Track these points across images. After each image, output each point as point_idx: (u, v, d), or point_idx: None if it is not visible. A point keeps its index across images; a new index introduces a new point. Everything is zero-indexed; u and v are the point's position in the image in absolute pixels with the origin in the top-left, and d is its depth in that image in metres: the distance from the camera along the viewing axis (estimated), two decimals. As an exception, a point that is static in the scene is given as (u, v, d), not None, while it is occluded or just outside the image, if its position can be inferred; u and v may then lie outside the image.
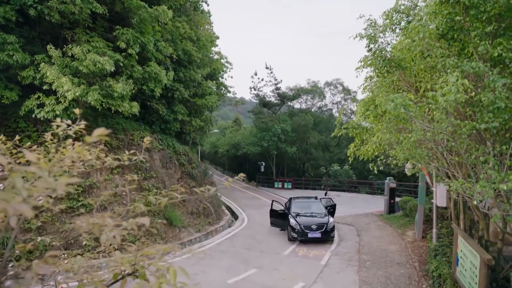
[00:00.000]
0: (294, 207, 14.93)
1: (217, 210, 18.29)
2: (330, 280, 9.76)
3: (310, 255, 11.97)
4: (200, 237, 14.21)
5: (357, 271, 10.38)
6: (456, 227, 8.20)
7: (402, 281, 9.67)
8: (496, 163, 4.48)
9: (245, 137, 38.78)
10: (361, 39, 7.71)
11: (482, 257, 6.00)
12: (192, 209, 16.07)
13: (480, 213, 7.40)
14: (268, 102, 38.31)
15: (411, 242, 13.20)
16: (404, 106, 4.73)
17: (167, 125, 16.25)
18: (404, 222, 16.00)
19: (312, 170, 42.16)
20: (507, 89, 4.51)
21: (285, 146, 35.38)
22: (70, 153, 2.23)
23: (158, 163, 14.53)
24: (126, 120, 14.08)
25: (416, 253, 11.82)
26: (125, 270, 2.25)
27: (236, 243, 13.63)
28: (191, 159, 18.19)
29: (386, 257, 11.60)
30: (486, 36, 5.18)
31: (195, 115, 19.18)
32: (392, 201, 18.92)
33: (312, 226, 13.10)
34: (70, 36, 10.75)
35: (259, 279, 9.72)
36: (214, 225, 16.33)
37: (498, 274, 6.71)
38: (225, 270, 10.27)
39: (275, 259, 11.52)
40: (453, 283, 7.62)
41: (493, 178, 4.14)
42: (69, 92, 9.69)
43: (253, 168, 40.92)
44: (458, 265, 7.55)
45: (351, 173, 33.53)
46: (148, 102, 15.03)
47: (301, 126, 36.41)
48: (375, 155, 7.55)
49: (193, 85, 17.81)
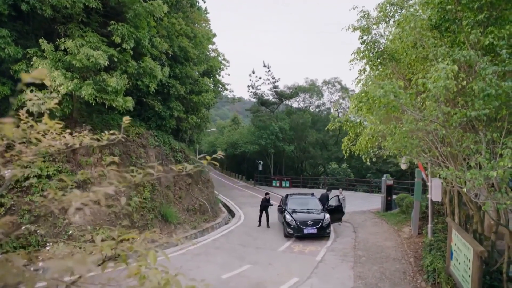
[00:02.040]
0: (291, 203, 14.89)
1: (214, 207, 18.24)
2: (324, 275, 9.71)
3: (305, 251, 11.92)
4: (195, 234, 14.15)
5: (352, 267, 10.33)
6: (451, 220, 8.16)
7: (397, 276, 9.63)
8: (488, 152, 4.44)
9: (243, 136, 38.73)
10: (354, 30, 7.65)
11: (475, 249, 5.96)
12: (188, 206, 16.02)
13: (475, 206, 7.36)
14: (266, 101, 38.27)
15: (407, 238, 13.16)
16: (393, 93, 4.67)
17: (163, 122, 16.18)
18: (401, 219, 15.96)
19: (310, 169, 42.10)
20: (497, 76, 4.47)
21: (283, 144, 35.32)
22: (41, 127, 2.18)
23: (153, 159, 14.46)
24: (122, 116, 13.98)
25: (412, 249, 11.78)
26: (106, 254, 2.21)
27: (232, 239, 13.57)
28: (188, 156, 18.13)
29: (382, 252, 11.56)
30: (478, 25, 5.13)
31: (192, 112, 19.10)
32: (389, 198, 18.87)
33: (308, 222, 13.05)
34: (64, 30, 10.68)
35: (253, 274, 9.67)
36: (210, 222, 16.28)
37: (491, 267, 6.67)
38: (219, 266, 10.22)
39: (270, 255, 11.47)
40: (447, 277, 7.58)
41: (484, 167, 4.10)
42: (62, 86, 9.62)
43: (251, 167, 40.89)
44: (452, 258, 7.51)
45: (348, 172, 33.48)
46: (144, 98, 14.97)
47: (299, 125, 36.36)
48: (369, 147, 7.49)
49: (190, 82, 17.74)
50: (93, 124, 12.56)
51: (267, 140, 33.99)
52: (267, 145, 34.32)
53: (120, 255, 2.15)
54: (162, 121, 16.14)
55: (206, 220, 16.23)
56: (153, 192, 13.48)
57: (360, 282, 9.23)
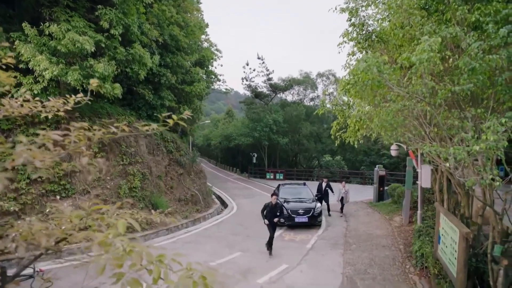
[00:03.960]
0: (283, 192, 14.87)
1: (206, 198, 18.14)
2: (314, 262, 9.71)
3: (296, 239, 11.92)
4: (187, 224, 14.07)
5: (342, 254, 10.34)
6: (439, 205, 8.16)
7: (386, 262, 9.65)
8: (473, 129, 4.38)
9: (237, 129, 38.58)
10: (342, 12, 7.52)
11: (461, 231, 5.95)
12: (179, 196, 15.92)
13: (463, 191, 7.35)
14: (260, 93, 38.06)
15: (398, 227, 13.21)
16: (377, 67, 4.58)
17: (154, 111, 15.99)
18: (392, 208, 16.01)
19: (304, 161, 42.12)
20: (483, 51, 4.39)
21: (277, 137, 35.24)
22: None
23: (144, 148, 14.29)
24: (111, 105, 13.82)
25: (402, 237, 11.82)
26: (76, 225, 2.13)
27: (223, 229, 13.53)
28: (179, 146, 17.96)
29: (372, 240, 11.58)
30: (465, 3, 5.04)
31: (184, 103, 18.92)
32: (382, 188, 18.92)
33: (299, 211, 13.04)
34: (49, 14, 10.42)
35: (242, 261, 9.64)
36: (202, 212, 16.19)
37: (477, 250, 6.68)
38: (209, 254, 10.17)
39: (261, 243, 11.40)
40: (434, 261, 7.60)
41: (468, 143, 4.04)
42: (47, 71, 9.40)
43: (245, 160, 40.81)
44: (440, 243, 7.52)
45: (342, 164, 33.55)
46: (134, 87, 14.76)
47: (293, 117, 36.26)
48: (358, 132, 7.41)
49: (181, 72, 17.53)
50: (81, 112, 12.34)
51: (261, 133, 33.88)
52: (261, 138, 34.22)
53: (90, 226, 2.06)
54: (153, 110, 15.94)
55: (198, 211, 16.14)
56: (143, 181, 13.34)
57: (350, 268, 9.24)
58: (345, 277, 8.65)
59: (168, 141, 16.99)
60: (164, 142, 16.73)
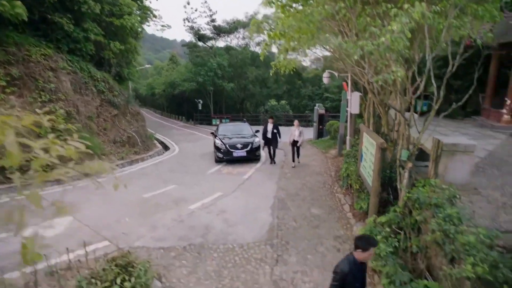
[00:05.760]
0: (222, 130, 14.71)
1: (146, 141, 17.43)
2: (249, 189, 9.93)
3: (234, 172, 12.04)
4: (123, 164, 13.48)
5: (276, 182, 10.69)
6: (362, 125, 8.54)
7: (316, 186, 10.19)
8: (383, 26, 4.35)
9: (181, 74, 36.78)
10: None
11: (377, 142, 6.25)
12: (114, 138, 15.06)
13: (383, 110, 7.67)
14: (203, 35, 36.05)
15: (332, 158, 13.92)
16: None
17: (77, 45, 14.27)
18: (330, 143, 16.75)
19: (251, 107, 42.03)
20: None
21: (222, 82, 34.32)
22: None
23: (67, 85, 12.92)
24: (20, 34, 11.99)
25: (335, 166, 12.49)
26: None
27: (161, 168, 13.21)
28: (113, 86, 16.61)
29: (307, 170, 12.10)
30: None
31: (115, 39, 17.13)
32: (321, 127, 19.59)
33: (237, 145, 13.05)
34: None
35: (177, 193, 9.54)
36: (141, 154, 15.61)
37: (393, 163, 7.13)
38: (143, 188, 9.89)
39: (197, 177, 11.38)
40: (357, 178, 8.09)
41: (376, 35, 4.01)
42: None
43: (191, 107, 39.58)
44: (362, 160, 7.96)
45: (287, 108, 34.04)
46: (49, 14, 12.85)
47: (239, 61, 35.26)
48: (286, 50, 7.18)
49: (107, 2, 15.62)
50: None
51: (205, 77, 32.68)
52: (206, 83, 33.09)
53: None
54: (76, 44, 14.20)
55: (136, 153, 15.51)
56: (69, 120, 12.18)
57: (282, 192, 9.60)
58: (276, 199, 8.99)
59: (98, 80, 15.57)
60: (94, 81, 15.31)
